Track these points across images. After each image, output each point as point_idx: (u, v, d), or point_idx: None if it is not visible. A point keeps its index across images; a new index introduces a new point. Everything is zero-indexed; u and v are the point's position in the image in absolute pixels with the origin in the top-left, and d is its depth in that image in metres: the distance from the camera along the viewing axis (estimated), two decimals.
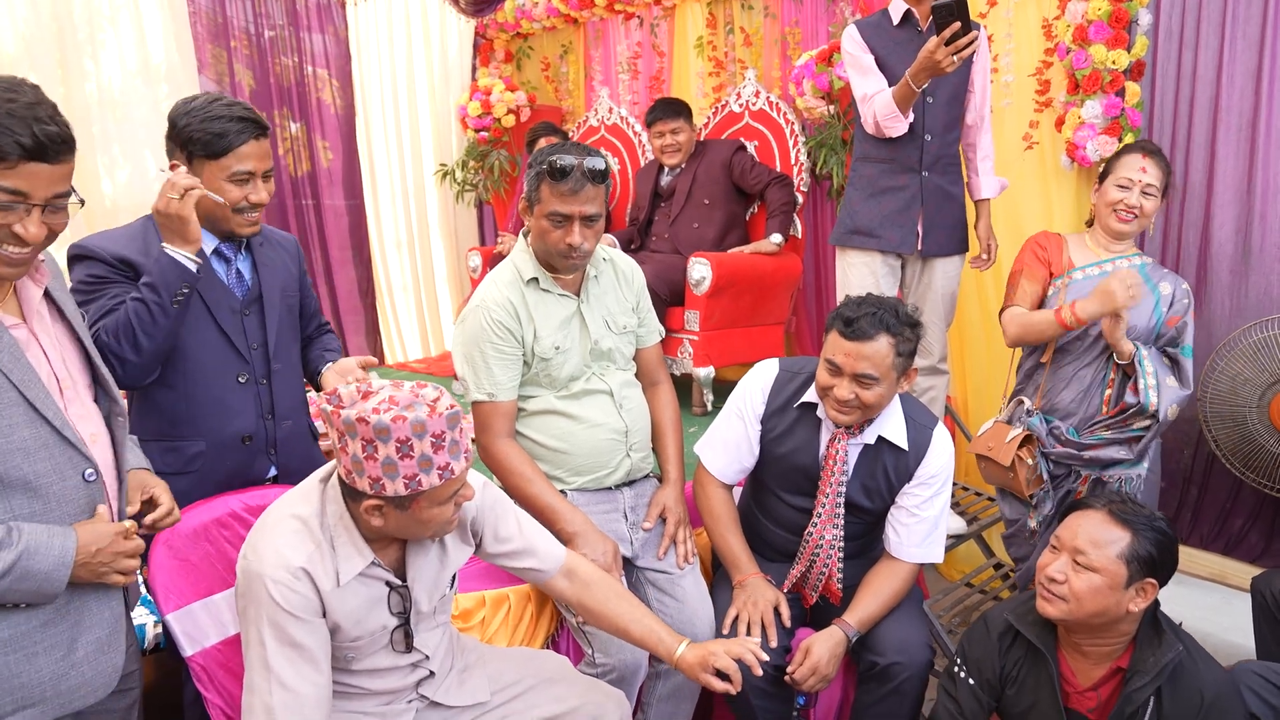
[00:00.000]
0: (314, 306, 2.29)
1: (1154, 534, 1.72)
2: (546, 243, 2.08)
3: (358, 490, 1.46)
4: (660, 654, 1.77)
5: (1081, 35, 3.15)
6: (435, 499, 1.48)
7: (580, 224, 2.04)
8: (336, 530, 1.52)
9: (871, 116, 2.76)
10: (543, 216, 2.06)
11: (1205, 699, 1.68)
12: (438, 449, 1.43)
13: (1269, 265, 2.94)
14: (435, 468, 1.44)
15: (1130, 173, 2.39)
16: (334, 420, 1.42)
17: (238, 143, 1.86)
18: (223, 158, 1.86)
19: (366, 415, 1.39)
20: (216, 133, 1.84)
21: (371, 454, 1.40)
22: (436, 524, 1.53)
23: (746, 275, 3.74)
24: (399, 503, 1.46)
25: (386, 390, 1.46)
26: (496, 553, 1.76)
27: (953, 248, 2.87)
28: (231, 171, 1.87)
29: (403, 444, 1.40)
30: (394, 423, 1.38)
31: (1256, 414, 2.73)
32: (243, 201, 1.90)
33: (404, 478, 1.42)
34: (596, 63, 5.05)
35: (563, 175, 2.01)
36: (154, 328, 1.80)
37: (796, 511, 2.21)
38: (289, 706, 1.46)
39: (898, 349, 1.98)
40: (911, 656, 2.04)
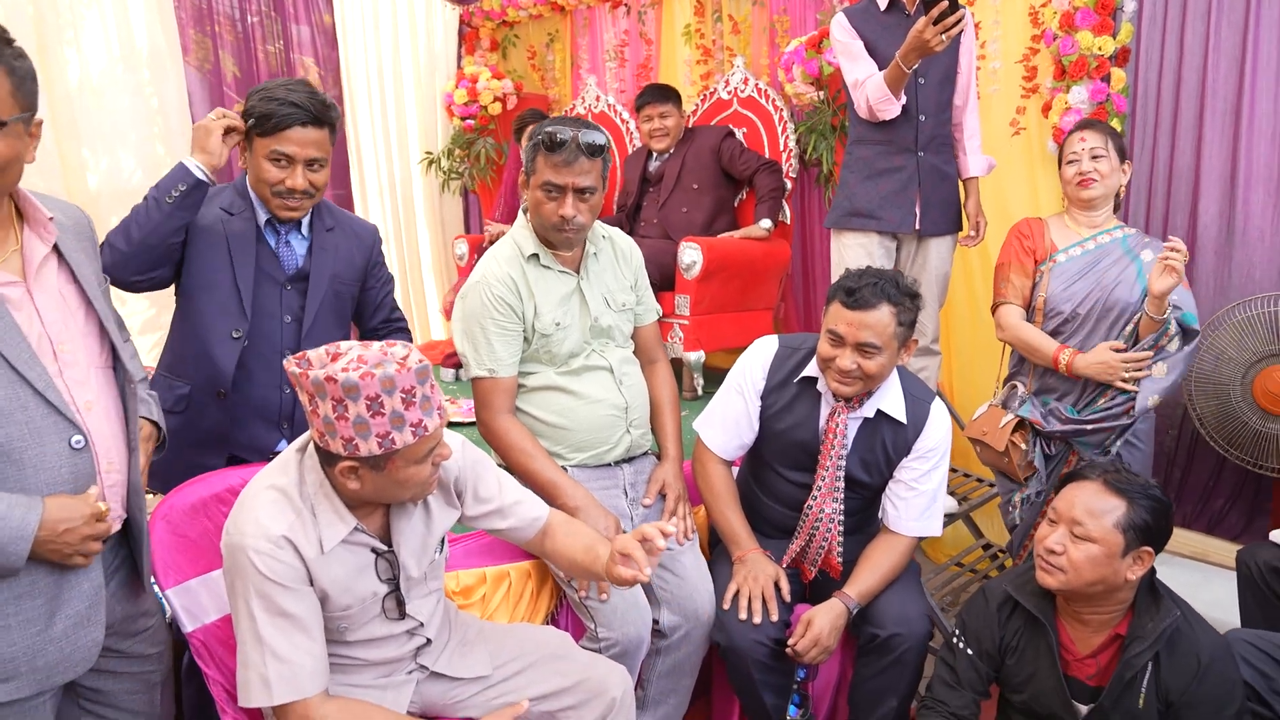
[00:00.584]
0: (381, 299, 2.36)
1: (1149, 501, 1.75)
2: (541, 214, 2.09)
3: (332, 453, 1.44)
4: (598, 571, 1.72)
5: (1068, 21, 3.18)
6: (411, 457, 1.46)
7: (574, 196, 2.05)
8: (317, 498, 1.51)
9: (864, 101, 2.79)
10: (537, 187, 2.08)
11: (1202, 663, 1.71)
12: (409, 405, 1.41)
13: (1252, 246, 2.99)
14: (408, 425, 1.42)
15: (1073, 147, 2.51)
16: (303, 382, 1.40)
17: (283, 125, 1.97)
18: (267, 136, 1.98)
19: (335, 374, 1.37)
20: (265, 112, 1.96)
21: (342, 414, 1.38)
22: (414, 484, 1.51)
23: (737, 260, 3.75)
24: (374, 463, 1.44)
25: (355, 350, 1.45)
26: (478, 514, 1.75)
27: (947, 227, 2.90)
28: (271, 150, 1.99)
29: (373, 401, 1.38)
30: (362, 380, 1.37)
31: (1240, 391, 2.77)
32: (279, 185, 2.01)
33: (376, 436, 1.40)
34: (584, 51, 5.04)
35: (558, 146, 2.02)
36: (145, 219, 1.94)
37: (795, 487, 2.23)
38: (285, 678, 1.45)
39: (899, 318, 2.00)
40: (911, 628, 2.06)
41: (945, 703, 1.91)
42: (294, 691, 1.45)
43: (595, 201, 2.11)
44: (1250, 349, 2.77)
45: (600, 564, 1.71)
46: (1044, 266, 2.52)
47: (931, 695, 1.94)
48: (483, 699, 1.75)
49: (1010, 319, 2.56)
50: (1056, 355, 2.45)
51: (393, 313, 2.39)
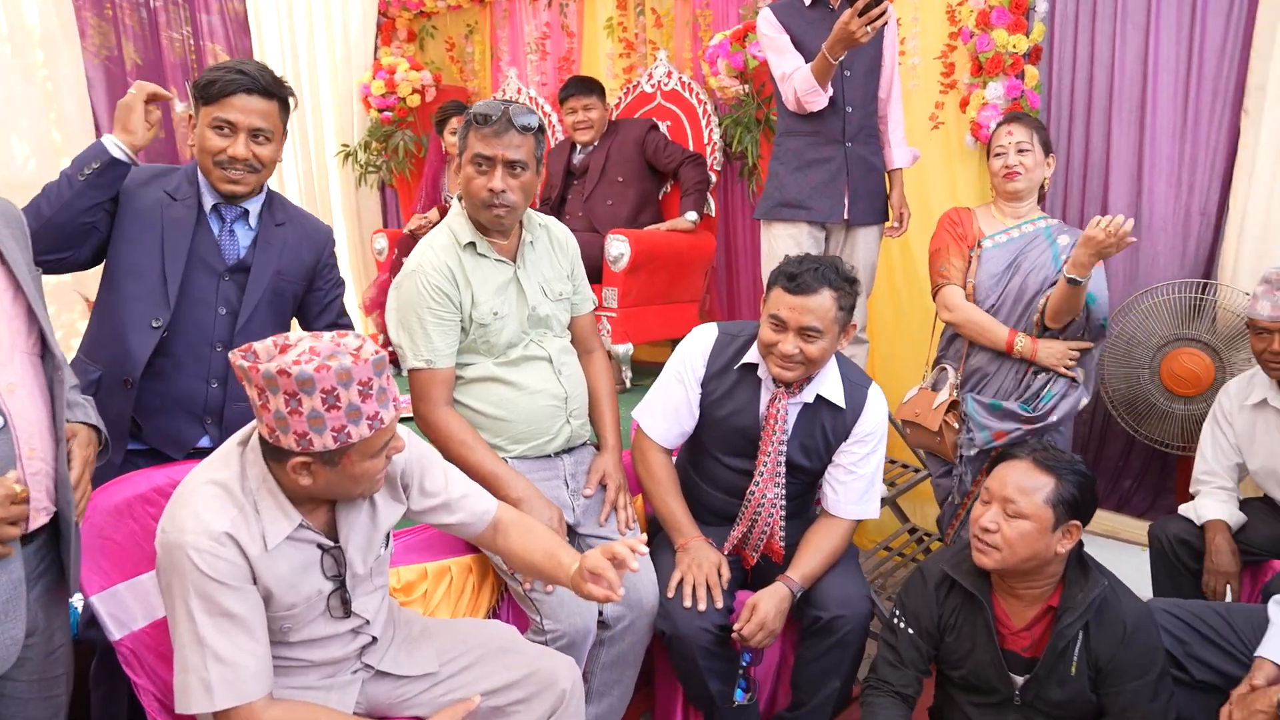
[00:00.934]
0: (328, 301, 2.27)
1: (1075, 477, 1.81)
2: (470, 192, 2.06)
3: (282, 449, 1.38)
4: (560, 578, 1.68)
5: (984, 20, 3.29)
6: (366, 451, 1.42)
7: (503, 169, 2.03)
8: (259, 494, 1.45)
9: (792, 93, 2.82)
10: (468, 163, 2.05)
11: (1128, 629, 1.79)
12: (365, 397, 1.37)
13: (1156, 236, 3.15)
14: (364, 418, 1.38)
15: (1000, 141, 2.60)
16: (252, 376, 1.34)
17: (227, 90, 1.91)
18: (211, 104, 1.93)
19: (287, 367, 1.32)
20: (210, 79, 1.92)
21: (296, 408, 1.34)
22: (368, 479, 1.47)
23: (664, 252, 3.75)
24: (328, 458, 1.40)
25: (306, 341, 1.39)
26: (422, 508, 1.70)
27: (874, 217, 2.96)
28: (214, 118, 1.93)
29: (328, 394, 1.34)
30: (318, 372, 1.32)
31: (1148, 374, 2.91)
32: (221, 154, 1.94)
33: (332, 430, 1.36)
34: (504, 43, 4.98)
35: (486, 120, 2.01)
36: (56, 197, 1.88)
37: (736, 474, 2.24)
38: (228, 681, 1.39)
39: (839, 303, 2.04)
40: (854, 609, 2.09)
41: (889, 682, 1.95)
42: (237, 695, 1.39)
43: (527, 180, 2.08)
44: (1158, 333, 2.90)
45: (564, 573, 1.67)
46: (973, 254, 2.60)
47: (876, 675, 1.98)
48: (430, 696, 1.71)
49: (956, 299, 2.63)
50: (1011, 340, 2.53)
51: (340, 317, 2.31)
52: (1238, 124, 3.03)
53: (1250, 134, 2.89)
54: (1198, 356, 2.83)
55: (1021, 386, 2.60)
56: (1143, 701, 1.76)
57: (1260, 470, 2.51)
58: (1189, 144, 3.12)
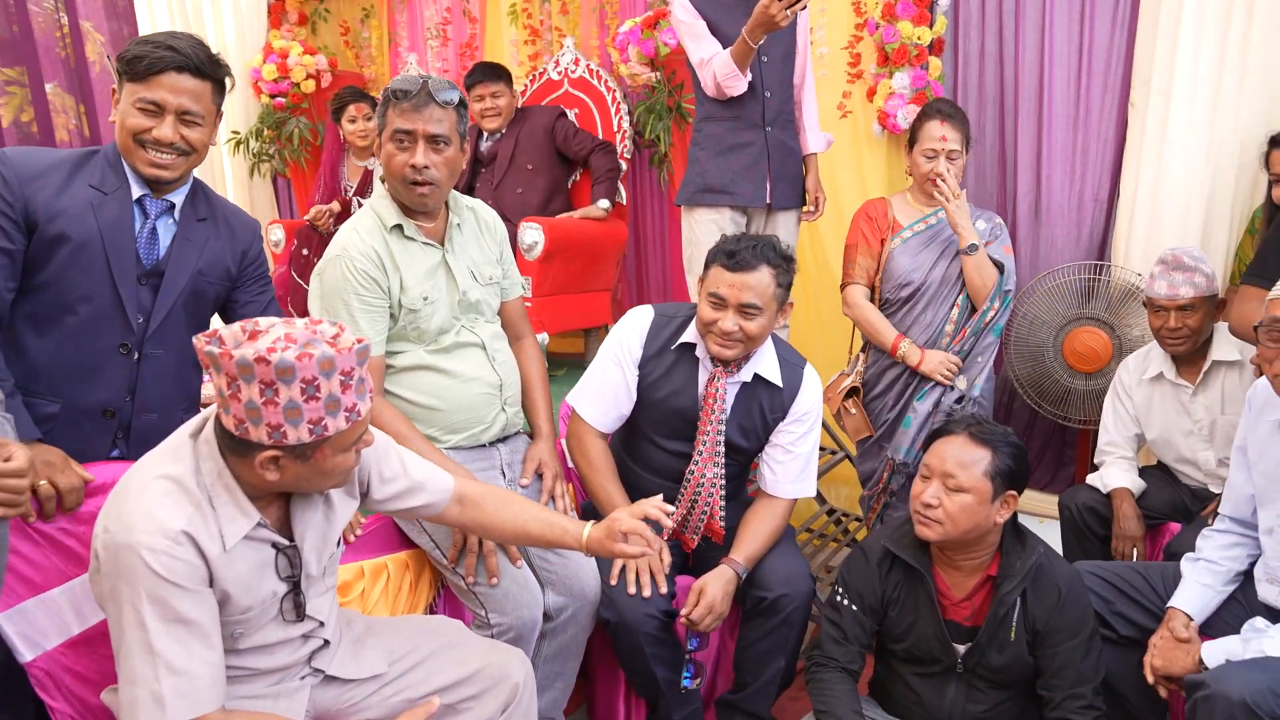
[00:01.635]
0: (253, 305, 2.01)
1: (1010, 448, 1.87)
2: (392, 170, 1.98)
3: (250, 442, 1.30)
4: (568, 544, 1.73)
5: (890, 12, 3.38)
6: (340, 445, 1.36)
7: (425, 144, 1.96)
8: (215, 489, 1.35)
9: (711, 78, 2.83)
10: (388, 140, 1.97)
11: (1062, 592, 1.86)
12: (345, 388, 1.30)
13: (1055, 221, 3.30)
14: (343, 410, 1.31)
15: (932, 143, 2.64)
16: (223, 363, 1.25)
17: (156, 69, 1.71)
18: (136, 82, 1.73)
19: (265, 354, 1.24)
20: (137, 55, 1.72)
21: (271, 398, 1.25)
22: (338, 474, 1.40)
23: (578, 240, 3.71)
24: (300, 452, 1.32)
25: (279, 327, 1.31)
26: (385, 496, 1.62)
27: (794, 201, 3.00)
28: (139, 98, 1.73)
29: (309, 384, 1.26)
30: (299, 360, 1.24)
31: (1052, 352, 3.05)
32: (145, 133, 1.73)
33: (309, 423, 1.28)
34: (402, 28, 4.82)
35: (405, 95, 1.94)
36: None
37: (673, 456, 2.23)
38: (182, 692, 1.28)
39: (778, 280, 2.05)
40: (797, 588, 2.11)
41: (835, 658, 1.97)
42: (191, 708, 1.28)
43: (451, 156, 2.01)
44: (1060, 313, 3.05)
45: (572, 537, 1.69)
46: (892, 242, 2.67)
47: (821, 652, 2.00)
48: (379, 699, 1.63)
49: (857, 298, 2.73)
50: (896, 344, 2.64)
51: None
52: (1124, 116, 3.20)
53: (1137, 126, 3.06)
54: (1097, 334, 2.98)
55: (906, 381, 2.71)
56: (1076, 660, 1.83)
57: (1157, 440, 2.67)
58: (1081, 135, 3.29)
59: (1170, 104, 2.93)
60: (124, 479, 1.37)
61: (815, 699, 1.96)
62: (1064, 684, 1.83)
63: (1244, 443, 1.94)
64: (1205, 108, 2.92)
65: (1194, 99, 2.92)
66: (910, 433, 2.67)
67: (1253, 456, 1.91)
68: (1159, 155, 2.99)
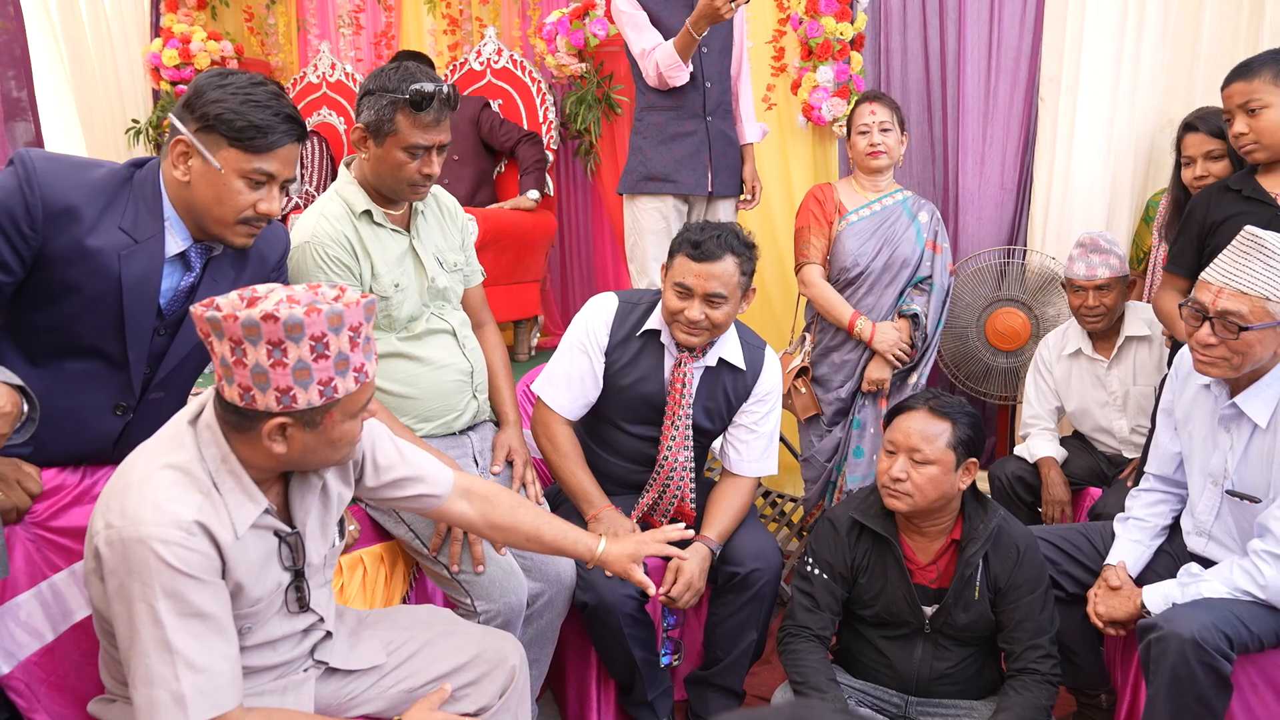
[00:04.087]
0: None
1: (968, 419, 1.99)
2: (399, 175, 1.93)
3: (256, 412, 1.25)
4: (580, 554, 1.73)
5: (813, 8, 3.48)
6: (349, 409, 1.32)
7: (436, 152, 1.93)
8: (220, 475, 1.30)
9: (654, 69, 2.87)
10: (399, 149, 1.90)
11: (1020, 551, 1.98)
12: (354, 345, 1.27)
13: (971, 209, 3.47)
14: (351, 369, 1.28)
15: (863, 119, 2.77)
16: (227, 326, 1.20)
17: (277, 144, 1.54)
18: (249, 152, 1.53)
19: (275, 311, 1.20)
20: (257, 124, 1.51)
21: (280, 359, 1.21)
22: (347, 443, 1.35)
23: (510, 231, 3.70)
24: (309, 419, 1.28)
25: (279, 291, 1.27)
26: (380, 484, 1.57)
27: (734, 189, 3.08)
28: (254, 169, 1.54)
29: (318, 341, 1.23)
30: (308, 316, 1.21)
31: (975, 332, 3.22)
32: (249, 210, 1.56)
33: (319, 384, 1.25)
34: (311, 15, 4.67)
35: (425, 105, 1.86)
36: None
37: (640, 441, 2.26)
38: (203, 690, 1.24)
39: (741, 268, 2.10)
40: (768, 562, 2.17)
41: (808, 626, 2.04)
42: (213, 706, 1.24)
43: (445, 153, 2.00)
44: (982, 295, 3.22)
45: (586, 549, 1.72)
46: (838, 226, 2.77)
47: (794, 622, 2.06)
48: (378, 690, 1.60)
49: (814, 278, 2.81)
50: (853, 321, 2.73)
51: None
52: (1030, 111, 3.41)
53: (1047, 120, 3.27)
54: (1016, 314, 3.17)
55: (854, 366, 2.82)
56: (1035, 612, 1.96)
57: (1076, 411, 2.86)
58: (992, 128, 3.47)
59: (1076, 99, 3.15)
60: (120, 472, 1.31)
61: (789, 668, 2.02)
62: (1024, 636, 1.95)
63: (1170, 405, 2.10)
64: (1106, 103, 3.14)
65: (1096, 94, 3.14)
66: (862, 464, 2.81)
67: (1180, 418, 2.07)
68: (1069, 147, 3.21)
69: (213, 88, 1.52)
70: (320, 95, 4.48)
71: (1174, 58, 3.12)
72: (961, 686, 2.02)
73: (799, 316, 3.00)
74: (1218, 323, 1.80)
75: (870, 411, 2.81)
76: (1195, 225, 2.28)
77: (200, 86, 1.54)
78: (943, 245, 2.82)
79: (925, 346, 2.79)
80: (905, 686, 2.03)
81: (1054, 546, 2.20)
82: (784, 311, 3.59)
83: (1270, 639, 1.78)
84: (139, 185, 1.57)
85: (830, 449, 2.88)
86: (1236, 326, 1.77)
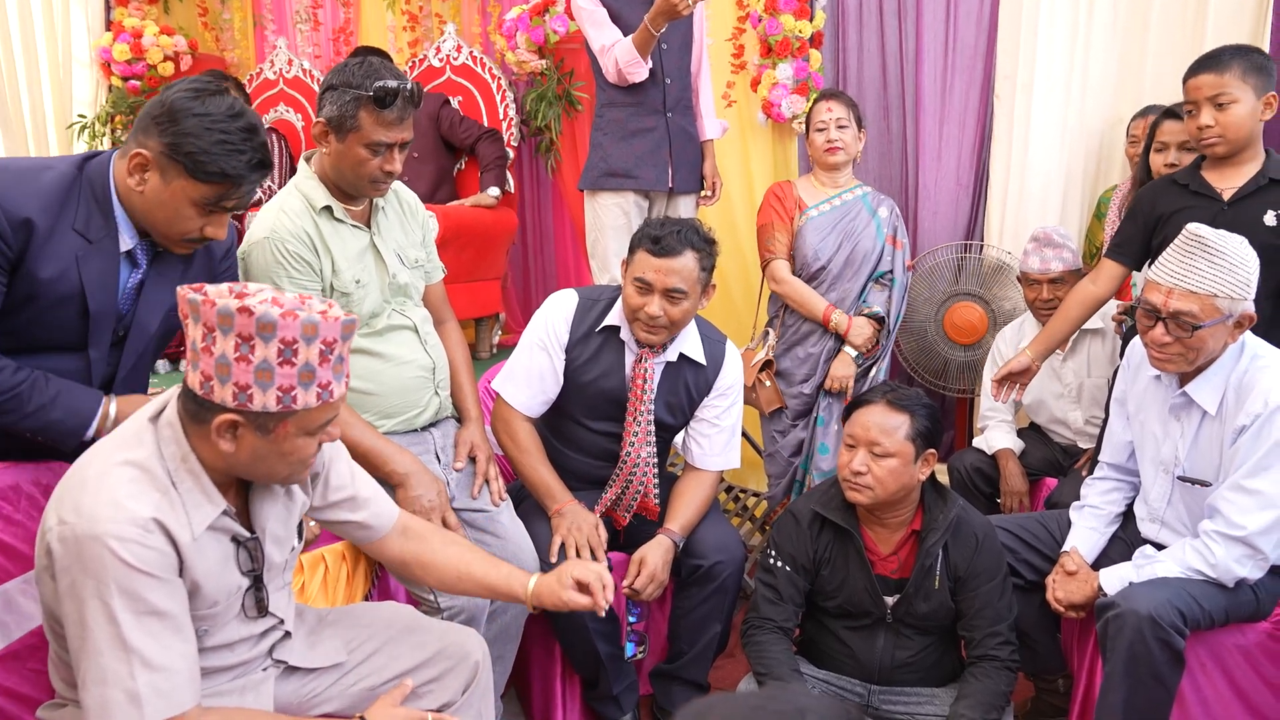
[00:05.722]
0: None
1: (925, 410, 2.01)
2: (360, 171, 1.91)
3: (211, 403, 1.23)
4: (513, 591, 1.64)
5: (772, 5, 3.51)
6: (305, 425, 1.29)
7: (398, 148, 1.92)
8: (179, 474, 1.28)
9: (613, 65, 2.87)
10: (361, 145, 1.88)
11: (979, 539, 2.01)
12: (324, 360, 1.26)
13: (927, 205, 3.53)
14: (316, 384, 1.26)
15: (820, 116, 2.80)
16: (204, 311, 1.19)
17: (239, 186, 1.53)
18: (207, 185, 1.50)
19: (252, 306, 1.18)
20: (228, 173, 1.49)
21: (246, 354, 1.20)
22: (297, 460, 1.33)
23: (471, 228, 3.68)
24: (261, 423, 1.25)
25: (268, 290, 1.26)
26: (325, 503, 1.55)
27: (694, 185, 3.09)
28: (206, 198, 1.51)
29: (287, 346, 1.21)
30: (283, 319, 1.20)
31: (934, 326, 3.27)
32: (196, 233, 1.54)
33: (278, 389, 1.23)
34: (268, 10, 4.61)
35: (389, 102, 1.85)
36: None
37: (602, 437, 2.26)
38: (160, 689, 1.21)
39: (701, 264, 2.11)
40: (731, 554, 2.18)
41: (771, 618, 2.05)
42: (170, 706, 1.22)
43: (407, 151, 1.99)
44: (940, 290, 3.27)
45: (518, 584, 1.62)
46: (799, 220, 2.80)
47: (757, 614, 2.07)
48: (340, 688, 1.58)
49: (783, 273, 2.82)
50: (827, 314, 2.75)
51: None
52: (985, 109, 3.47)
53: (1003, 117, 3.33)
54: (973, 308, 3.22)
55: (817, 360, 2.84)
56: (994, 600, 1.99)
57: (1032, 404, 2.91)
58: (948, 125, 3.53)
59: (1031, 96, 3.21)
60: (76, 468, 1.28)
61: (753, 660, 2.04)
62: (983, 624, 1.98)
63: (1123, 396, 2.15)
64: (1059, 100, 3.21)
65: (1050, 92, 3.21)
66: (828, 459, 2.83)
67: (1132, 408, 2.12)
68: (1024, 144, 3.28)
69: (188, 115, 1.47)
70: (278, 91, 4.43)
71: (1124, 57, 3.19)
72: (923, 674, 2.05)
73: (761, 311, 3.02)
74: (1171, 323, 1.84)
75: (836, 408, 2.83)
76: (1141, 217, 2.34)
77: (175, 109, 1.48)
78: (903, 241, 2.85)
79: (885, 341, 2.82)
80: (868, 676, 2.05)
81: (1012, 535, 2.23)
82: (745, 307, 3.61)
83: (1220, 615, 1.83)
84: (88, 184, 1.54)
85: (794, 445, 2.91)
86: (1190, 325, 1.82)
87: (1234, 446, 1.86)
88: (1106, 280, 2.40)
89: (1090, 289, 2.41)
